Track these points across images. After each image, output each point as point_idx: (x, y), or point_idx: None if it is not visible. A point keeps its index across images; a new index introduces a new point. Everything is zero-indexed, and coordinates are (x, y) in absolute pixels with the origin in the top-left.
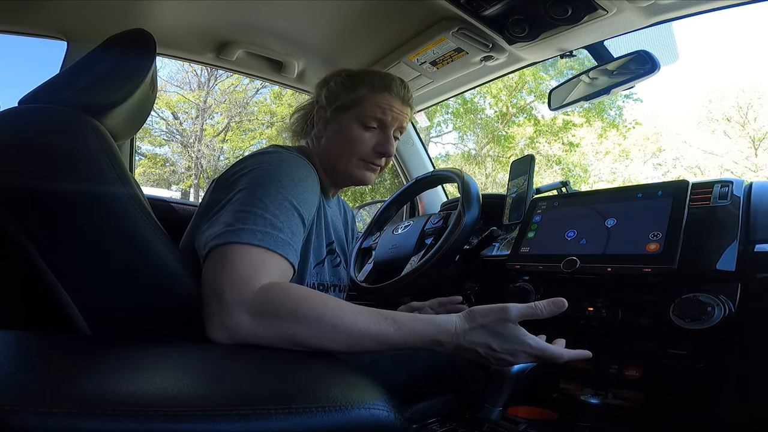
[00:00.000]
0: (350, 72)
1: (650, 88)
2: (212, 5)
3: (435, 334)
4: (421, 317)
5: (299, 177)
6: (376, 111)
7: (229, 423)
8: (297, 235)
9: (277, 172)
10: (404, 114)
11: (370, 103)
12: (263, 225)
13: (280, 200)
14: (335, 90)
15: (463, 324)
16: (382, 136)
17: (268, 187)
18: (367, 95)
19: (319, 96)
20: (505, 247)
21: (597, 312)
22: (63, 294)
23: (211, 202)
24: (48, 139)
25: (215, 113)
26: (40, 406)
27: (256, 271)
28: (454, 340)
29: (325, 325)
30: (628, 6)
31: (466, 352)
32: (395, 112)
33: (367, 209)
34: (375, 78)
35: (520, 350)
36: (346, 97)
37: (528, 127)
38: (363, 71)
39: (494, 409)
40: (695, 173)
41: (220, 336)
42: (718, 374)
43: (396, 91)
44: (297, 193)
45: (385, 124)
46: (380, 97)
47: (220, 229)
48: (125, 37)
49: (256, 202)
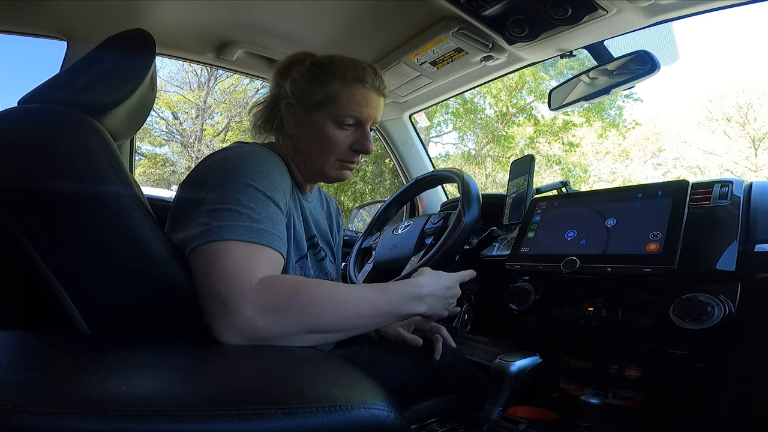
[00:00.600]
0: (316, 61)
1: (650, 88)
2: (212, 5)
3: (412, 290)
4: (395, 281)
5: (266, 167)
6: (351, 108)
7: (229, 423)
8: (278, 223)
9: (241, 166)
10: (379, 106)
11: (345, 99)
12: (240, 220)
13: (252, 192)
14: (302, 84)
15: (421, 278)
16: (359, 133)
17: (235, 181)
18: (340, 90)
19: (282, 88)
20: (505, 247)
21: (597, 312)
22: (63, 294)
23: (180, 202)
24: (48, 139)
25: (215, 113)
26: (40, 406)
27: (245, 267)
28: (427, 291)
29: (323, 303)
30: (628, 6)
31: (437, 300)
32: (371, 106)
33: (367, 209)
34: (346, 69)
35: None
36: (316, 93)
37: (528, 127)
38: (330, 60)
39: (494, 409)
40: (695, 173)
41: (229, 337)
42: (718, 374)
43: (370, 83)
44: (267, 183)
45: (362, 121)
46: (354, 91)
47: (197, 230)
48: (125, 37)
49: (228, 198)
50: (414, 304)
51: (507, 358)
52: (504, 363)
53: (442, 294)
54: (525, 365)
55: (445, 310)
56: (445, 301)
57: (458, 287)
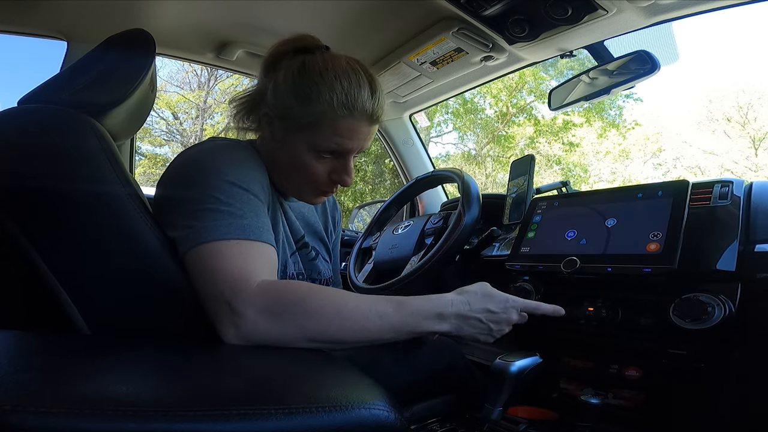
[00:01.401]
0: (305, 66)
1: (650, 88)
2: (212, 5)
3: (434, 308)
4: (417, 296)
5: (238, 159)
6: (333, 140)
7: (229, 423)
8: (260, 215)
9: (214, 160)
10: (370, 134)
11: (327, 128)
12: (223, 218)
13: (228, 188)
14: (285, 96)
15: (457, 296)
16: (339, 163)
17: (210, 179)
18: (324, 117)
19: (266, 89)
20: (505, 247)
21: (597, 312)
22: (63, 294)
23: (159, 202)
24: (48, 139)
25: (215, 113)
26: (40, 406)
27: (242, 267)
28: (454, 310)
29: (329, 313)
30: (628, 6)
31: (469, 322)
32: (357, 139)
33: (367, 209)
34: (336, 87)
35: (511, 306)
36: (298, 113)
37: (528, 127)
38: (321, 70)
39: (494, 409)
40: (695, 173)
41: (233, 337)
42: (718, 374)
43: (360, 109)
44: (241, 175)
45: (341, 154)
46: (341, 122)
47: (183, 233)
48: (125, 37)
49: (206, 197)
50: (433, 323)
51: (507, 358)
52: (504, 363)
53: (476, 316)
54: (525, 365)
55: (487, 335)
56: (484, 325)
57: (513, 313)
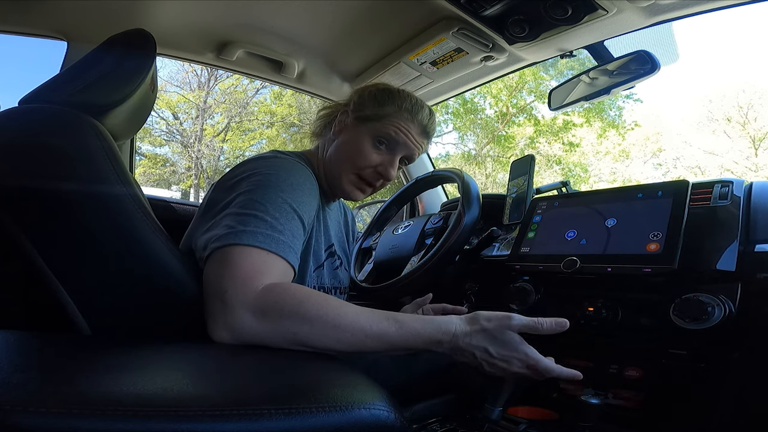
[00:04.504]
0: (388, 88)
1: (650, 88)
2: (212, 5)
3: (435, 334)
4: (423, 317)
5: (298, 182)
6: (390, 130)
7: (229, 423)
8: (297, 238)
9: (275, 176)
10: (419, 144)
11: (390, 122)
12: (264, 228)
13: (280, 203)
14: (365, 99)
15: (464, 326)
16: (388, 158)
17: (267, 190)
18: (390, 114)
19: (350, 100)
20: (505, 247)
21: (597, 312)
22: (63, 294)
23: (210, 203)
24: (48, 139)
25: (215, 113)
26: (40, 406)
27: (258, 272)
28: (452, 341)
29: (326, 324)
30: (628, 6)
31: (462, 353)
32: (410, 139)
33: (367, 209)
34: (406, 100)
35: (516, 358)
36: (372, 109)
37: (528, 127)
38: (400, 92)
39: (494, 409)
40: (695, 173)
41: (223, 336)
42: (719, 374)
43: (419, 119)
44: (296, 196)
45: (395, 146)
46: (402, 120)
47: (222, 232)
48: (125, 37)
49: (257, 205)
50: (429, 345)
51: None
52: None
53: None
54: None
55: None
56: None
57: (516, 366)
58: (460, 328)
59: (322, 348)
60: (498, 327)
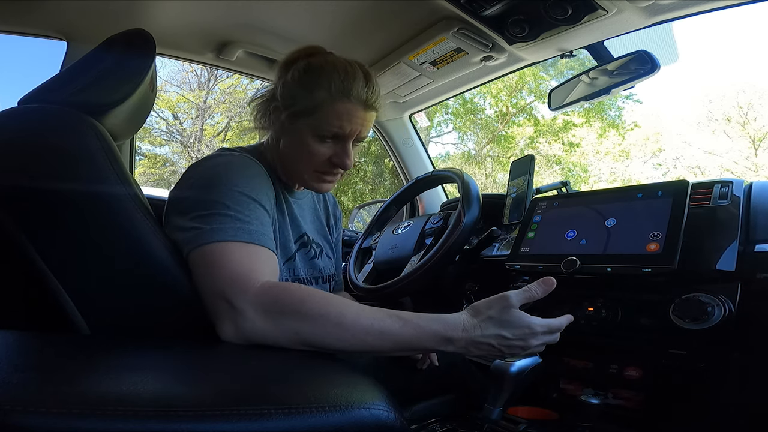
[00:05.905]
0: (308, 63)
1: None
2: (212, 5)
3: (443, 331)
4: (427, 315)
5: (249, 174)
6: (332, 122)
7: (229, 423)
8: (265, 224)
9: (225, 173)
10: (366, 120)
11: (327, 112)
12: (230, 222)
13: (237, 196)
14: (291, 87)
15: (471, 319)
16: (340, 147)
17: (220, 187)
18: (324, 102)
19: (277, 87)
20: (505, 247)
21: (597, 312)
22: (63, 294)
23: (169, 208)
24: (48, 139)
25: (215, 113)
26: (40, 406)
27: (248, 268)
28: (464, 336)
29: (328, 323)
30: (628, 6)
31: (479, 347)
32: (355, 123)
33: (367, 209)
34: (334, 78)
35: (529, 333)
36: (301, 101)
37: (528, 127)
38: (321, 64)
39: (494, 409)
40: (695, 173)
41: (231, 335)
42: (718, 374)
43: (356, 95)
44: (251, 187)
45: (343, 136)
46: (339, 105)
47: (189, 234)
48: (125, 37)
49: (216, 204)
50: (439, 344)
51: (507, 358)
52: (504, 363)
53: (488, 342)
54: (525, 365)
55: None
56: (495, 349)
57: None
58: (467, 322)
59: (325, 347)
60: (501, 310)
